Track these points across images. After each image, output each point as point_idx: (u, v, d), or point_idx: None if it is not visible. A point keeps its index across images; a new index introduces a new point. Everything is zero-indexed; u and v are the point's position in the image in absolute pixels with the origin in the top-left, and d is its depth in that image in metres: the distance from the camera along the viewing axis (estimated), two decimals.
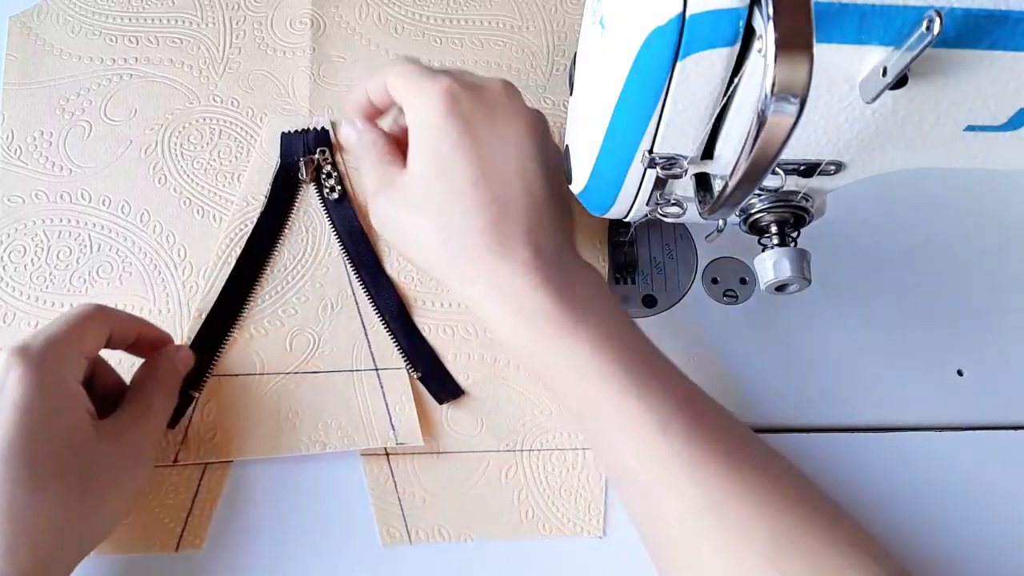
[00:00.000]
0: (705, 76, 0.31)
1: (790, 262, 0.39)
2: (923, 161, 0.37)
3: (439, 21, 0.59)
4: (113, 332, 0.43)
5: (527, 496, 0.48)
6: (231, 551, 0.46)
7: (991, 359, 0.53)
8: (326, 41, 0.58)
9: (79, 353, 0.41)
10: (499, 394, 0.50)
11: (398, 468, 0.48)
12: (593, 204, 0.44)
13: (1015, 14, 0.29)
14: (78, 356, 0.41)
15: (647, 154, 0.36)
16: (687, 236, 0.55)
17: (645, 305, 0.53)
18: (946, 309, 0.54)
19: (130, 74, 0.56)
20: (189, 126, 0.55)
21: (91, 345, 0.42)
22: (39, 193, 0.53)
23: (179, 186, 0.54)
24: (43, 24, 0.57)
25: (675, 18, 0.30)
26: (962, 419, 0.51)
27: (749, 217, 0.40)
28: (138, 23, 0.57)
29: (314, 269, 0.52)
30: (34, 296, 0.51)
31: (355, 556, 0.46)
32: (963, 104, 0.33)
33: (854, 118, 0.33)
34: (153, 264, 0.52)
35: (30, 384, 0.37)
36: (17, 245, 0.52)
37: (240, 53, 0.57)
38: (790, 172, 0.37)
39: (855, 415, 0.51)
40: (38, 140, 0.54)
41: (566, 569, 0.47)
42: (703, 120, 0.34)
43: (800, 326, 0.53)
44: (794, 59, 0.26)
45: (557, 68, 0.58)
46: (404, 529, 0.47)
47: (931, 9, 0.27)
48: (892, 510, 0.49)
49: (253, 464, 0.48)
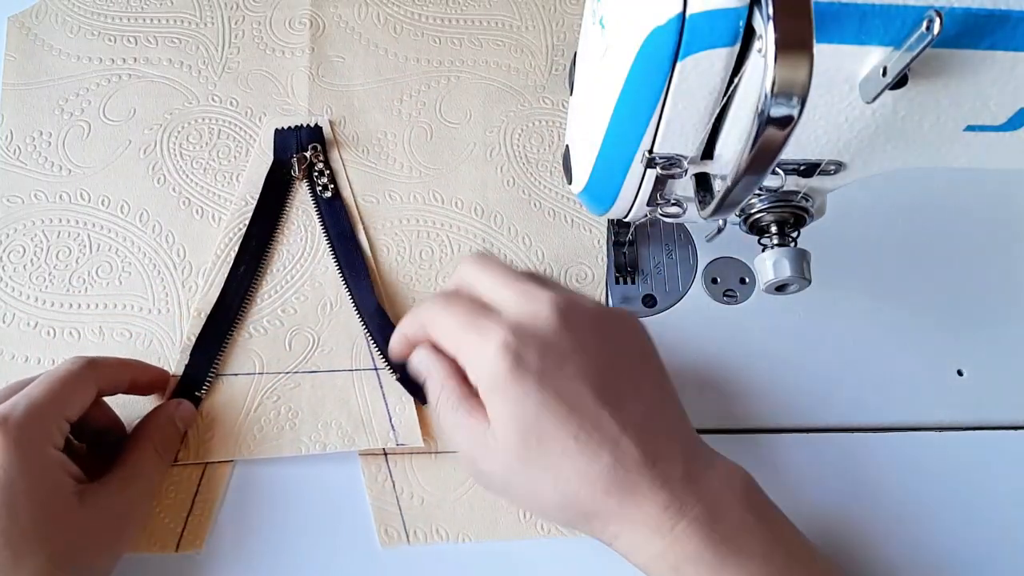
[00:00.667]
0: (705, 76, 0.31)
1: (790, 262, 0.39)
2: (923, 161, 0.36)
3: (438, 21, 0.59)
4: (102, 387, 0.42)
5: None
6: (231, 551, 0.46)
7: (991, 359, 0.53)
8: (325, 41, 0.58)
9: (62, 418, 0.39)
10: None
11: (396, 468, 0.48)
12: (593, 204, 0.44)
13: (1015, 14, 0.29)
14: (61, 421, 0.39)
15: (647, 154, 0.36)
16: (687, 236, 0.55)
17: (645, 305, 0.53)
18: (946, 309, 0.54)
19: (129, 74, 0.56)
20: (188, 126, 0.55)
21: (76, 408, 0.40)
22: (38, 193, 0.53)
23: (178, 186, 0.54)
24: (42, 24, 0.57)
25: (675, 18, 0.30)
26: (962, 419, 0.51)
27: (749, 217, 0.40)
28: (137, 23, 0.57)
29: (312, 268, 0.52)
30: (34, 296, 0.51)
31: (355, 556, 0.46)
32: (963, 104, 0.33)
33: (854, 118, 0.33)
34: (152, 264, 0.52)
35: (9, 458, 0.36)
36: (17, 245, 0.52)
37: (239, 53, 0.57)
38: (790, 172, 0.37)
39: (855, 415, 0.51)
40: (37, 140, 0.54)
41: (565, 569, 0.47)
42: (703, 120, 0.34)
43: (800, 326, 0.53)
44: (794, 59, 0.26)
45: (557, 68, 0.58)
46: (403, 530, 0.47)
47: (931, 9, 0.27)
48: (892, 510, 0.49)
49: (253, 464, 0.48)
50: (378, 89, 0.57)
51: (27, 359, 0.49)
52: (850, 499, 0.50)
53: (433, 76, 0.57)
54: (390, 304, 0.51)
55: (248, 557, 0.46)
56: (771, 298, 0.51)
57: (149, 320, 0.50)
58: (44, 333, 0.50)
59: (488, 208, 0.54)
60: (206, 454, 0.47)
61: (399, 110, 0.56)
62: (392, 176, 0.55)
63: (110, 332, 0.50)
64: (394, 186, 0.54)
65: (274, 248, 0.52)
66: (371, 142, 0.55)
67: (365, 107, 0.56)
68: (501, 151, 0.56)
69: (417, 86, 0.57)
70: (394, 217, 0.54)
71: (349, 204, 0.53)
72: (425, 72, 0.57)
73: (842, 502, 0.49)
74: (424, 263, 0.53)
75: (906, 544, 0.49)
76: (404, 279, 0.52)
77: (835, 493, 0.50)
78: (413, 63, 0.58)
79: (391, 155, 0.55)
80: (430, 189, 0.54)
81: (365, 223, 0.53)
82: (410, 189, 0.54)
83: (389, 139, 0.56)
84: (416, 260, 0.53)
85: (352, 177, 0.54)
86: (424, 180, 0.55)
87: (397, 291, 0.52)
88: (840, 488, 0.50)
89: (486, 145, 0.56)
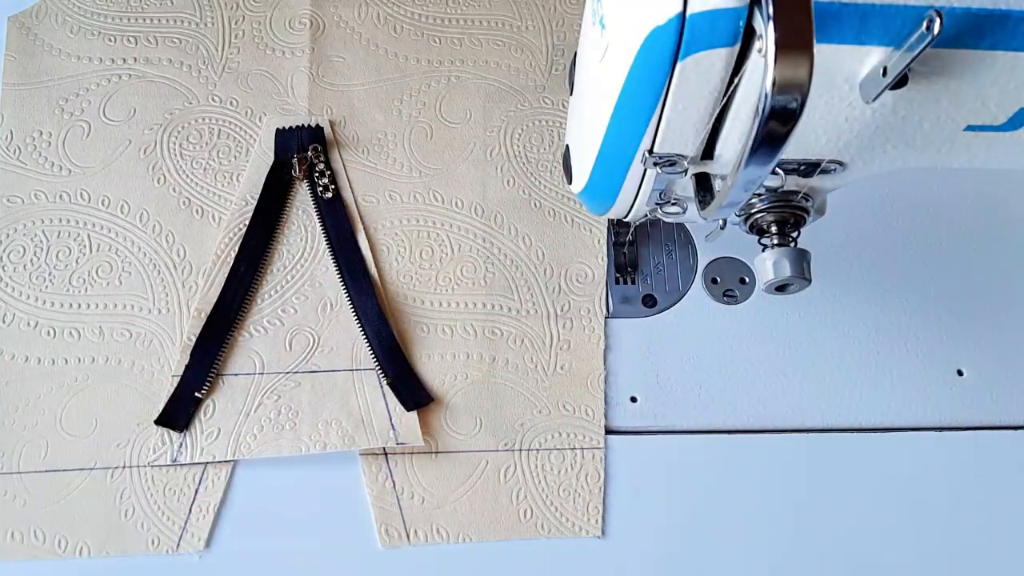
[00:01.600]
0: (705, 76, 0.31)
1: (790, 262, 0.39)
2: (923, 161, 0.36)
3: (438, 21, 0.59)
4: None
5: (525, 496, 0.48)
6: (231, 551, 0.46)
7: (991, 359, 0.53)
8: (325, 41, 0.58)
9: None
10: (498, 394, 0.50)
11: (396, 468, 0.48)
12: (593, 204, 0.44)
13: (1015, 14, 0.29)
14: None
15: (647, 154, 0.36)
16: (687, 236, 0.55)
17: (645, 305, 0.53)
18: (946, 309, 0.54)
19: (129, 74, 0.56)
20: (188, 126, 0.55)
21: None
22: (38, 193, 0.53)
23: (178, 186, 0.54)
24: (42, 24, 0.57)
25: (675, 18, 0.30)
26: (962, 419, 0.51)
27: (749, 217, 0.40)
28: (137, 23, 0.57)
29: (313, 268, 0.52)
30: (34, 296, 0.51)
31: (355, 556, 0.46)
32: (963, 104, 0.33)
33: (854, 118, 0.33)
34: (153, 264, 0.52)
35: None
36: (17, 245, 0.52)
37: (239, 53, 0.57)
38: (790, 172, 0.37)
39: (855, 415, 0.51)
40: (37, 140, 0.54)
41: (565, 570, 0.47)
42: (703, 120, 0.34)
43: (800, 326, 0.53)
44: (794, 59, 0.26)
45: (557, 68, 0.58)
46: (403, 529, 0.47)
47: (931, 9, 0.27)
48: (892, 510, 0.49)
49: (253, 464, 0.48)
50: (378, 89, 0.57)
51: (27, 359, 0.49)
52: (850, 499, 0.50)
53: (433, 76, 0.57)
54: (390, 305, 0.51)
55: (248, 557, 0.46)
56: (771, 298, 0.51)
57: (149, 320, 0.50)
58: (44, 333, 0.50)
59: (488, 208, 0.54)
60: (206, 454, 0.47)
61: (399, 110, 0.56)
62: (392, 176, 0.55)
63: (110, 332, 0.50)
64: (394, 186, 0.54)
65: (274, 248, 0.52)
66: (371, 142, 0.55)
67: (365, 107, 0.56)
68: (501, 151, 0.56)
69: (417, 86, 0.57)
70: (394, 217, 0.54)
71: (349, 205, 0.53)
72: (425, 72, 0.57)
73: (842, 502, 0.49)
74: (424, 263, 0.53)
75: (906, 543, 0.49)
76: (404, 279, 0.52)
77: (835, 493, 0.50)
78: (413, 63, 0.58)
79: (391, 155, 0.55)
80: (430, 189, 0.54)
81: (365, 223, 0.53)
82: (410, 189, 0.54)
83: (389, 139, 0.56)
84: (416, 260, 0.53)
85: (352, 177, 0.54)
86: (424, 180, 0.55)
87: (397, 291, 0.52)
88: (840, 488, 0.50)
89: (486, 145, 0.56)
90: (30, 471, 0.47)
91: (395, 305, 0.52)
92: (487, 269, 0.53)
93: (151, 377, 0.49)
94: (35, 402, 0.49)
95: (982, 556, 0.48)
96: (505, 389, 0.50)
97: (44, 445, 0.48)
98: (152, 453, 0.48)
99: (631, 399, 0.51)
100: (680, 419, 0.51)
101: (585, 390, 0.50)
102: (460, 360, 0.50)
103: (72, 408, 0.49)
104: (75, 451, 0.48)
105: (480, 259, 0.53)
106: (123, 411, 0.49)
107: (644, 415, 0.51)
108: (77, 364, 0.49)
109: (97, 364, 0.49)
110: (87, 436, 0.48)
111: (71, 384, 0.49)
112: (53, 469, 0.48)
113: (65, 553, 0.46)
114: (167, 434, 0.48)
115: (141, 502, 0.47)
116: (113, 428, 0.48)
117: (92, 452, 0.48)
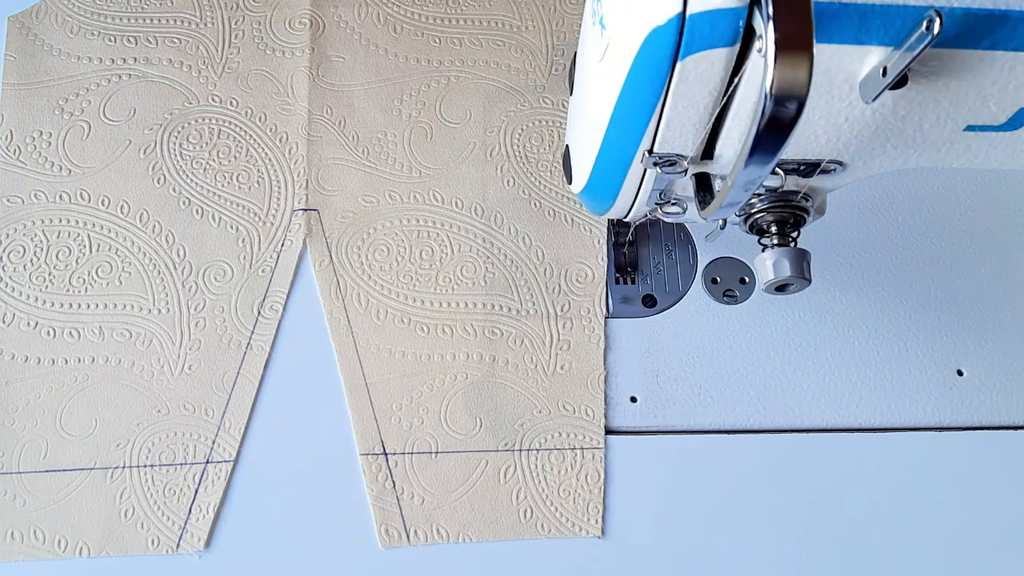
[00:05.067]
0: (705, 76, 0.31)
1: (790, 262, 0.39)
2: (923, 161, 0.36)
3: (438, 21, 0.59)
4: None
5: (525, 496, 0.48)
6: (231, 551, 0.46)
7: (991, 359, 0.53)
8: (325, 41, 0.58)
9: None
10: (498, 394, 0.50)
11: (396, 468, 0.48)
12: (593, 204, 0.44)
13: (1015, 14, 0.29)
14: None
15: (647, 154, 0.36)
16: (687, 236, 0.55)
17: (645, 305, 0.53)
18: (946, 309, 0.54)
19: (129, 74, 0.56)
20: (188, 126, 0.55)
21: None
22: (38, 193, 0.53)
23: (178, 186, 0.54)
24: (42, 24, 0.57)
25: (675, 18, 0.30)
26: (962, 419, 0.51)
27: (749, 217, 0.40)
28: (137, 23, 0.57)
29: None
30: (34, 296, 0.51)
31: (355, 556, 0.46)
32: (963, 104, 0.33)
33: (854, 118, 0.33)
34: (153, 264, 0.52)
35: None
36: (17, 245, 0.52)
37: (239, 53, 0.57)
38: (790, 172, 0.37)
39: (854, 415, 0.51)
40: (37, 140, 0.54)
41: (565, 570, 0.47)
42: (703, 120, 0.34)
43: (800, 326, 0.53)
44: (794, 59, 0.26)
45: (557, 68, 0.58)
46: (403, 529, 0.47)
47: (931, 9, 0.27)
48: (892, 510, 0.49)
49: (253, 464, 0.48)
50: (378, 89, 0.57)
51: (27, 359, 0.49)
52: (850, 499, 0.50)
53: (433, 76, 0.57)
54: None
55: (248, 557, 0.46)
56: (771, 298, 0.51)
57: (149, 320, 0.50)
58: (44, 333, 0.50)
59: (488, 208, 0.54)
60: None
61: (399, 110, 0.56)
62: (392, 176, 0.55)
63: (110, 332, 0.50)
64: (394, 186, 0.54)
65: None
66: (371, 142, 0.55)
67: (365, 107, 0.56)
68: (501, 151, 0.56)
69: (417, 86, 0.57)
70: (394, 217, 0.54)
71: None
72: (425, 72, 0.57)
73: (842, 502, 0.49)
74: (424, 263, 0.53)
75: (906, 543, 0.49)
76: (404, 279, 0.52)
77: (835, 493, 0.50)
78: (413, 63, 0.58)
79: (391, 155, 0.55)
80: (430, 189, 0.54)
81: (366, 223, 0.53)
82: (410, 189, 0.54)
83: (389, 139, 0.56)
84: (416, 260, 0.53)
85: (353, 178, 0.54)
86: (424, 180, 0.55)
87: (398, 291, 0.52)
88: (840, 488, 0.50)
89: (486, 145, 0.56)
90: (30, 471, 0.48)
91: (395, 305, 0.52)
92: (487, 269, 0.53)
93: (151, 377, 0.49)
94: (35, 402, 0.49)
95: (982, 556, 0.48)
96: (505, 389, 0.50)
97: (44, 445, 0.48)
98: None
99: (631, 399, 0.51)
100: (680, 419, 0.51)
101: (585, 390, 0.50)
102: (460, 360, 0.50)
103: (72, 408, 0.49)
104: (75, 451, 0.48)
105: (480, 259, 0.53)
106: (123, 411, 0.49)
107: (644, 415, 0.51)
108: (77, 364, 0.49)
109: (97, 364, 0.50)
110: (87, 436, 0.48)
111: (71, 384, 0.49)
112: (53, 469, 0.48)
113: (65, 553, 0.46)
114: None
115: (141, 502, 0.47)
116: (113, 428, 0.48)
117: (92, 452, 0.48)
